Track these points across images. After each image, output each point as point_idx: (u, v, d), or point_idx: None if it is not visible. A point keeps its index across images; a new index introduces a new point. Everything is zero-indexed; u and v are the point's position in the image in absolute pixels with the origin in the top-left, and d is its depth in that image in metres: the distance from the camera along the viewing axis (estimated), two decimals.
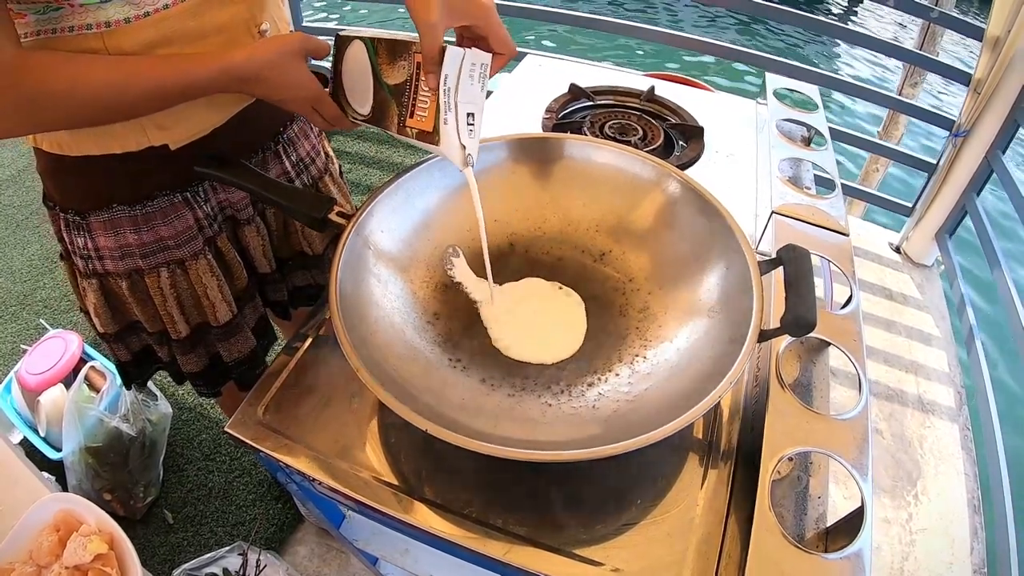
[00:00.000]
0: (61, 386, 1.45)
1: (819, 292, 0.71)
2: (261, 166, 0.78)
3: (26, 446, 1.43)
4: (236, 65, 0.60)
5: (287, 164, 0.82)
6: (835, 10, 7.17)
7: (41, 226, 2.24)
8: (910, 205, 1.95)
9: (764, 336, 0.53)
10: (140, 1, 0.57)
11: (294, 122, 0.83)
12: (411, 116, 0.59)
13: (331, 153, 0.94)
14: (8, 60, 0.53)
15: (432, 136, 0.58)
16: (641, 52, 5.23)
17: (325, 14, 5.84)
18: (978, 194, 1.72)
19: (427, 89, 0.57)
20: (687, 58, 5.14)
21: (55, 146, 0.66)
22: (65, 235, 0.74)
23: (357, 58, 0.64)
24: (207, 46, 0.64)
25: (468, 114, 0.58)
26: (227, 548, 1.25)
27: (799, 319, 0.50)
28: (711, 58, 4.98)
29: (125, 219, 0.70)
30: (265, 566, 1.16)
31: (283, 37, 0.62)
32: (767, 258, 0.58)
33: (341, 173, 0.96)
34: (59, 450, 1.37)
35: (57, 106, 0.57)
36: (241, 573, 1.13)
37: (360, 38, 0.63)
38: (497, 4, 2.27)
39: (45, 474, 0.98)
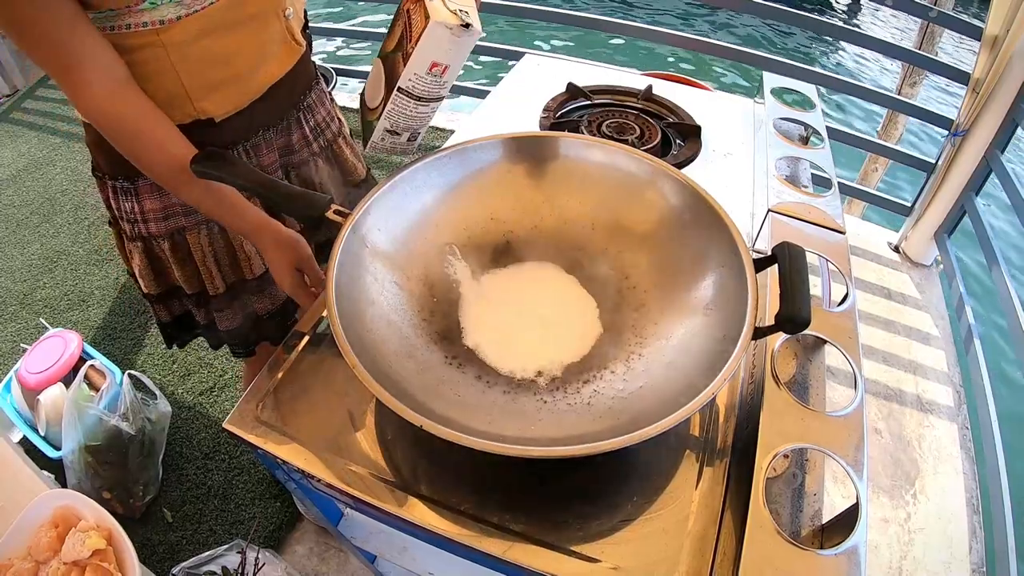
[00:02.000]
0: (61, 385, 1.45)
1: (817, 290, 0.71)
2: (285, 132, 0.86)
3: (26, 445, 1.43)
4: (258, 239, 0.76)
5: (306, 129, 0.90)
6: (838, 9, 7.17)
7: (41, 226, 2.25)
8: (909, 205, 1.95)
9: (759, 333, 0.53)
10: (190, 2, 0.65)
11: (311, 90, 0.91)
12: (411, 40, 0.65)
13: (342, 118, 1.02)
14: (123, 77, 0.65)
15: (426, 25, 0.62)
16: (672, 58, 5.20)
17: (328, 10, 5.84)
18: (977, 193, 1.72)
19: (414, 6, 0.60)
20: (718, 67, 5.13)
21: None
22: (113, 202, 0.82)
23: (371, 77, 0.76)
24: (244, 31, 0.73)
25: None
26: (226, 547, 1.26)
27: (793, 316, 0.51)
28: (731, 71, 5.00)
29: None
30: (264, 564, 1.16)
31: (293, 246, 0.76)
32: (762, 256, 0.58)
33: (352, 133, 1.04)
34: (59, 449, 1.37)
35: (121, 145, 0.68)
36: (240, 571, 1.13)
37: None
38: (498, 4, 2.28)
39: (45, 473, 0.98)
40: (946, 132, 1.75)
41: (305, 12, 0.90)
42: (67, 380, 1.47)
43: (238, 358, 1.06)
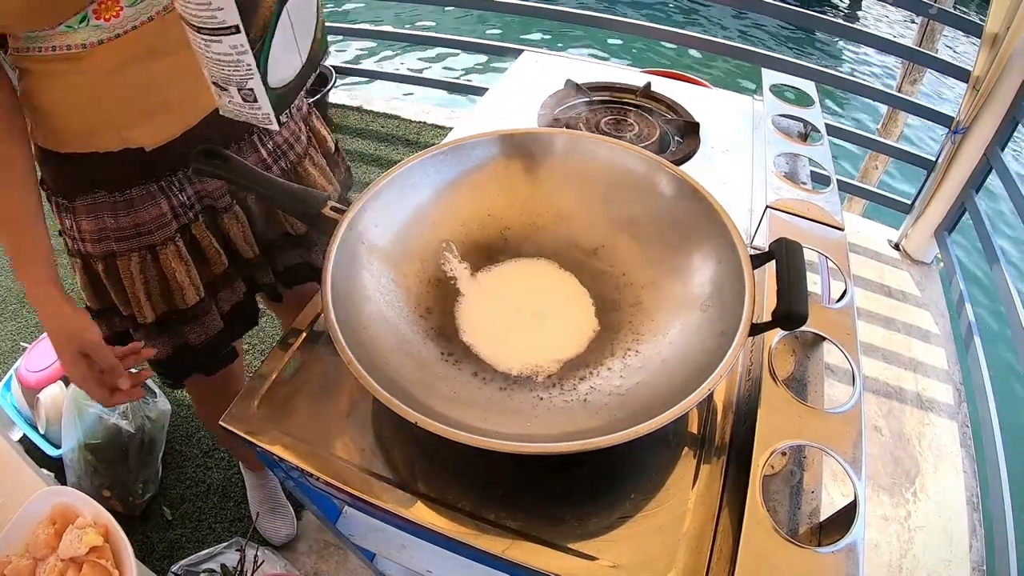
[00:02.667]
0: (60, 384, 1.45)
1: (816, 287, 0.71)
2: (237, 155, 0.79)
3: (26, 443, 1.44)
4: (38, 304, 0.71)
5: (263, 152, 0.85)
6: (841, 6, 7.16)
7: None
8: (909, 202, 1.95)
9: (756, 330, 0.52)
10: (110, 26, 0.62)
11: None
12: None
13: (321, 134, 0.96)
14: None
15: None
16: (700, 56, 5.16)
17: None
18: (977, 191, 1.72)
19: None
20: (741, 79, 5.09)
21: (47, 142, 0.73)
22: (56, 215, 0.80)
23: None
24: (175, 58, 0.69)
25: None
26: (225, 544, 1.26)
27: (790, 312, 0.50)
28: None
29: (106, 204, 0.76)
30: (263, 562, 1.16)
31: (77, 333, 0.72)
32: (760, 252, 0.58)
33: (337, 150, 0.99)
34: (58, 447, 1.38)
35: None
36: (239, 569, 1.13)
37: None
38: (500, 3, 2.28)
39: (44, 471, 0.98)
40: (946, 130, 1.74)
41: None
42: (67, 379, 1.47)
43: (169, 387, 1.03)
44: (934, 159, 1.83)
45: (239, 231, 0.85)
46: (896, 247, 1.97)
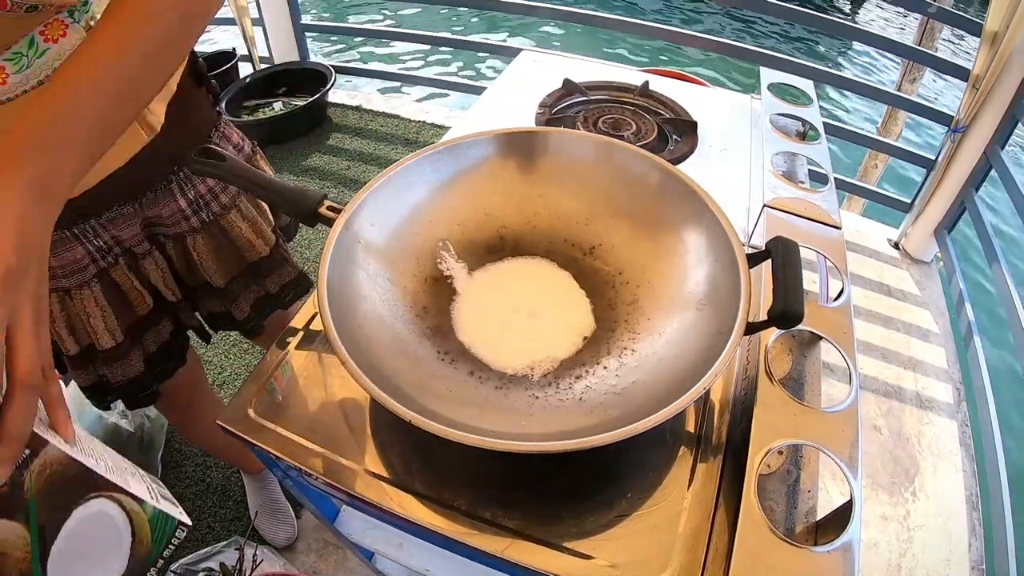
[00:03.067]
0: (60, 383, 1.45)
1: (814, 286, 0.71)
2: (153, 204, 0.78)
3: None
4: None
5: (182, 202, 0.80)
6: (843, 8, 7.16)
7: None
8: (909, 201, 1.95)
9: (752, 328, 0.52)
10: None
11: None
12: None
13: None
14: None
15: None
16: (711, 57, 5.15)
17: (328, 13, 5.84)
18: (977, 190, 1.72)
19: None
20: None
21: None
22: None
23: None
24: None
25: None
26: (224, 543, 1.26)
27: (786, 311, 0.50)
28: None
29: None
30: (262, 561, 1.17)
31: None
32: (756, 251, 0.58)
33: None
34: None
35: None
36: (238, 568, 1.13)
37: None
38: (503, 1, 2.28)
39: None
40: (946, 128, 1.74)
41: (197, 65, 0.80)
42: (66, 378, 1.47)
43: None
44: (934, 158, 1.83)
45: (159, 276, 0.83)
46: (896, 246, 1.97)
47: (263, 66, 2.79)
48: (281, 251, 0.94)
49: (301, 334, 0.70)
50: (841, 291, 0.68)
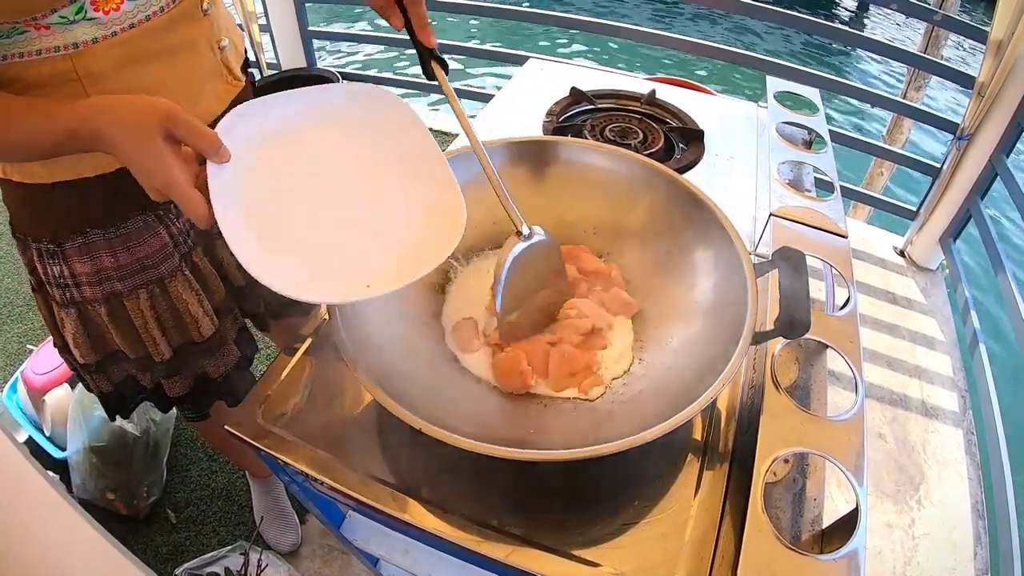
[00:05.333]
0: (66, 386, 1.46)
1: (820, 295, 0.71)
2: None
3: (31, 445, 1.44)
4: (83, 129, 0.52)
5: None
6: (844, 16, 7.16)
7: None
8: (914, 209, 1.95)
9: (758, 338, 0.53)
10: (108, 21, 0.58)
11: None
12: None
13: None
14: None
15: None
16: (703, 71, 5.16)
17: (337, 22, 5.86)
18: (982, 198, 1.72)
19: None
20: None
21: (26, 175, 0.66)
22: (39, 265, 0.72)
23: None
24: (172, 62, 0.65)
25: None
26: (229, 548, 1.26)
27: (792, 321, 0.51)
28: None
29: (101, 243, 0.71)
30: (266, 566, 1.17)
31: (143, 103, 0.50)
32: (763, 260, 0.58)
33: None
34: (64, 449, 1.38)
35: None
36: (242, 573, 1.14)
37: None
38: (499, 6, 2.29)
39: (50, 473, 0.99)
40: (951, 136, 1.74)
41: (246, 50, 0.83)
42: (72, 381, 1.47)
43: (190, 423, 0.95)
44: (939, 166, 1.82)
45: (231, 257, 0.82)
46: (901, 254, 1.97)
47: (270, 72, 2.81)
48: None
49: (310, 340, 0.70)
50: (847, 300, 0.68)
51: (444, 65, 0.62)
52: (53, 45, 0.56)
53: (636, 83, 1.15)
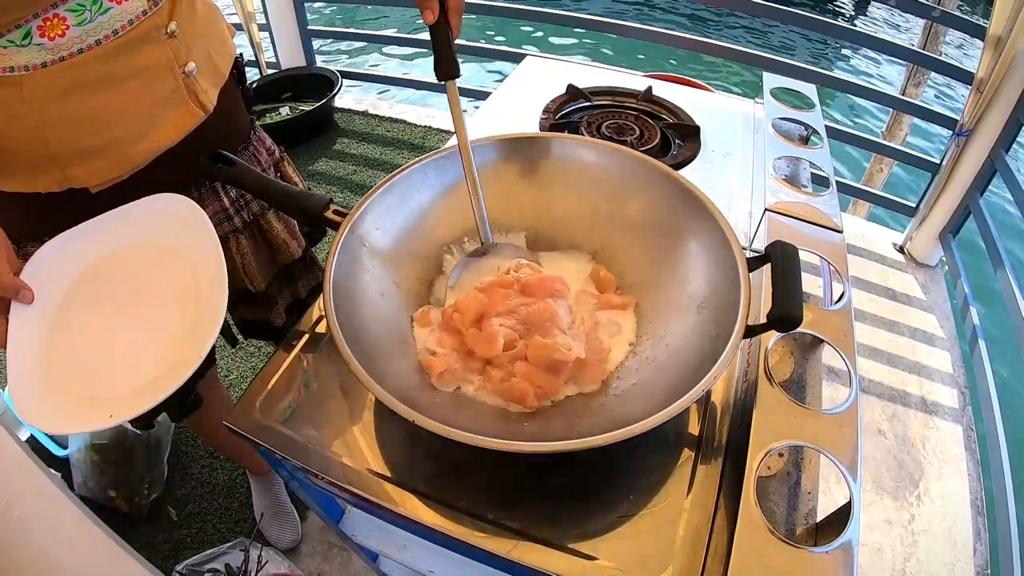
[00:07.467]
0: None
1: (816, 290, 0.72)
2: (198, 203, 0.73)
3: (32, 443, 1.45)
4: None
5: (226, 201, 0.80)
6: (844, 12, 7.15)
7: None
8: (914, 205, 1.95)
9: (751, 331, 0.53)
10: (55, 46, 0.58)
11: (239, 155, 0.81)
12: None
13: (293, 181, 0.93)
14: None
15: None
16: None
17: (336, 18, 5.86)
18: (982, 194, 1.72)
19: None
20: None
21: None
22: None
23: None
24: (124, 90, 0.65)
25: None
26: (229, 544, 1.27)
27: (785, 314, 0.51)
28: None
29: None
30: (267, 563, 1.17)
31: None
32: (756, 255, 0.59)
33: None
34: (65, 447, 1.39)
35: None
36: (243, 569, 1.14)
37: None
38: (493, 5, 2.29)
39: (51, 471, 0.99)
40: (950, 132, 1.74)
41: (239, 62, 0.81)
42: None
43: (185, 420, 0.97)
44: (939, 162, 1.82)
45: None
46: (901, 250, 1.97)
47: (270, 71, 2.82)
48: (311, 253, 0.95)
49: (307, 336, 0.71)
50: (842, 294, 0.68)
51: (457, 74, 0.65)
52: (5, 66, 0.57)
53: (633, 80, 1.16)
